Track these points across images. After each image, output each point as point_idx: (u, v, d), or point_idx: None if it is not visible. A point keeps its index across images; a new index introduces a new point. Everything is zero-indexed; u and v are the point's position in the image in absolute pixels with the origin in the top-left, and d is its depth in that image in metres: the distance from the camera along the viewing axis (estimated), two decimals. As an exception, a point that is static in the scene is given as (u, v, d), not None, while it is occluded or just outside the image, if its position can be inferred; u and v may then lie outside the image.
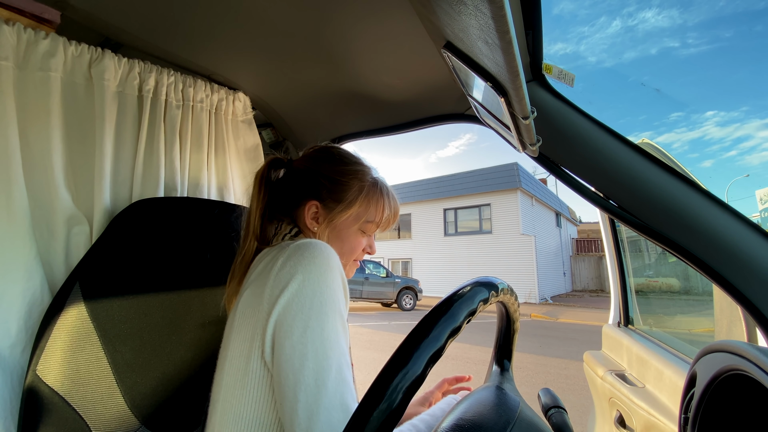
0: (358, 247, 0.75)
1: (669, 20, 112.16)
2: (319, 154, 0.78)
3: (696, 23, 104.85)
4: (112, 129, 0.83)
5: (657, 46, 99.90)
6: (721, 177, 53.51)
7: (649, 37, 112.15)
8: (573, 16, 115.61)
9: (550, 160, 0.83)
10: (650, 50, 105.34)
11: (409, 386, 0.30)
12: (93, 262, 0.72)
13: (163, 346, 0.80)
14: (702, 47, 70.90)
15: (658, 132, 65.47)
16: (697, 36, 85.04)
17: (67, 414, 0.65)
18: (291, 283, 0.55)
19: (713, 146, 55.61)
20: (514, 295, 0.52)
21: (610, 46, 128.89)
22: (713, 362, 0.49)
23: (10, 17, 0.72)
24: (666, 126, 64.62)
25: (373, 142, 3.19)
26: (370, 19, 0.74)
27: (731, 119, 59.98)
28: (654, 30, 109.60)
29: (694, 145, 56.45)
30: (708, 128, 55.65)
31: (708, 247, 0.70)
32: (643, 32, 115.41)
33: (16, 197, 0.69)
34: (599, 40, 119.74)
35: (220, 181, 1.06)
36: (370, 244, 0.78)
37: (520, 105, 0.51)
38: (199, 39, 0.85)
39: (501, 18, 0.34)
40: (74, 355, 0.67)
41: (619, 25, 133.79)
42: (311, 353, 0.52)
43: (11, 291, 0.66)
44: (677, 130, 62.29)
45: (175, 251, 0.83)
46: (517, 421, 0.42)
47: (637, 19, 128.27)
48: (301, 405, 0.50)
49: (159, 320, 0.79)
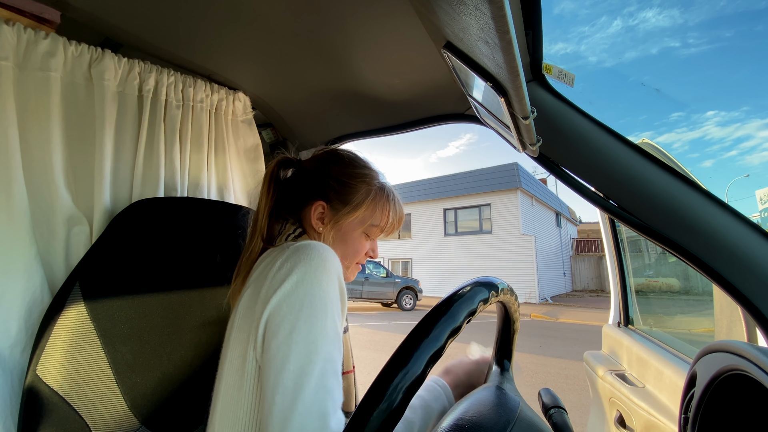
0: (361, 251, 0.75)
1: (670, 20, 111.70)
2: (328, 155, 0.78)
3: (697, 23, 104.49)
4: (112, 129, 0.83)
5: (658, 46, 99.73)
6: (721, 177, 53.51)
7: (649, 36, 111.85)
8: (574, 15, 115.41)
9: (550, 160, 0.83)
10: (651, 50, 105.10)
11: (409, 386, 0.30)
12: (93, 262, 0.72)
13: (163, 346, 0.80)
14: (703, 47, 70.69)
15: (659, 132, 65.39)
16: (698, 36, 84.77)
17: (67, 414, 0.65)
18: (285, 283, 0.55)
19: (714, 146, 55.56)
20: (514, 295, 0.52)
21: (611, 45, 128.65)
22: (713, 362, 0.49)
23: (10, 17, 0.72)
24: (666, 126, 64.52)
25: (373, 141, 3.17)
26: (370, 18, 0.74)
27: (732, 119, 59.87)
28: (655, 30, 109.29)
29: (695, 145, 56.40)
30: (708, 128, 55.58)
31: (708, 247, 0.70)
32: (644, 32, 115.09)
33: (16, 197, 0.69)
34: (600, 40, 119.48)
35: (220, 181, 1.06)
36: (373, 247, 0.78)
37: (520, 105, 0.51)
38: (199, 39, 0.85)
39: (501, 18, 0.34)
40: (74, 355, 0.67)
41: (620, 25, 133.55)
42: (294, 355, 0.51)
43: (11, 291, 0.66)
44: (678, 130, 62.17)
45: (175, 251, 0.83)
46: (517, 421, 0.42)
47: (638, 19, 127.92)
48: (277, 408, 0.48)
49: (159, 320, 0.79)
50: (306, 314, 0.53)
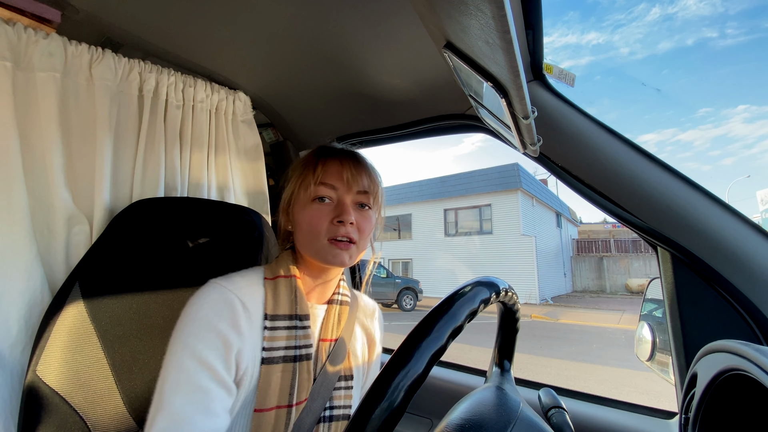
0: (314, 220, 0.66)
1: (711, 8, 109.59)
2: None
3: (738, 11, 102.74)
4: (113, 129, 0.83)
5: (694, 37, 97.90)
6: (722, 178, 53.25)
7: (687, 26, 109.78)
8: (612, 2, 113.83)
9: (550, 160, 0.83)
10: (687, 41, 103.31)
11: (411, 385, 0.30)
12: (93, 262, 0.72)
13: (162, 348, 0.80)
14: (740, 38, 69.63)
15: (683, 128, 64.39)
16: (737, 26, 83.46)
17: (67, 414, 0.65)
18: None
19: (736, 143, 54.83)
20: (515, 295, 0.52)
21: (646, 35, 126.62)
22: (713, 362, 0.48)
23: (10, 17, 0.73)
24: (692, 122, 63.51)
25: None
26: (370, 18, 0.74)
27: (760, 114, 58.98)
28: (694, 18, 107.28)
29: (717, 142, 55.59)
30: (734, 125, 54.84)
31: (709, 248, 0.70)
32: (683, 20, 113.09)
33: (17, 197, 0.69)
34: (635, 29, 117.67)
35: (221, 182, 1.06)
36: (337, 212, 0.66)
37: (521, 105, 0.51)
38: (200, 39, 0.85)
39: (501, 18, 0.34)
40: (74, 355, 0.67)
41: (658, 13, 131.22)
42: (159, 380, 0.57)
43: (12, 291, 0.66)
44: (702, 126, 61.18)
45: (175, 251, 0.83)
46: (517, 421, 0.42)
47: (677, 6, 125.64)
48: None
49: (159, 321, 0.79)
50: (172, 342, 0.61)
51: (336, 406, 0.68)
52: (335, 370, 0.69)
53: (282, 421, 0.60)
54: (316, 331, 0.70)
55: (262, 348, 0.61)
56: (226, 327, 0.58)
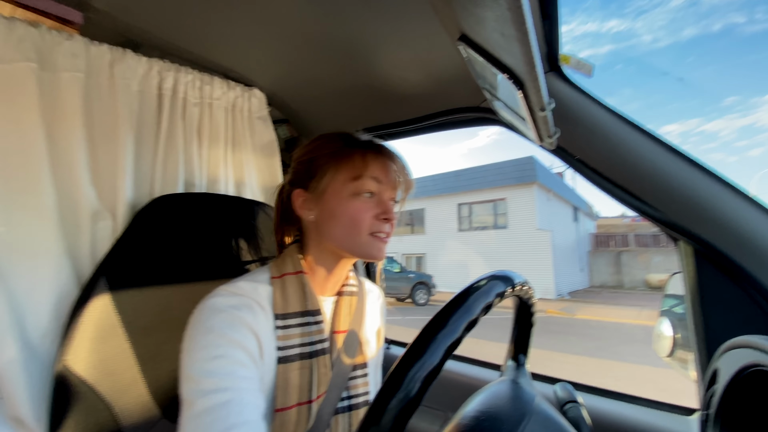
0: (358, 215, 0.65)
1: None
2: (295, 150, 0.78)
3: None
4: (134, 127, 0.85)
5: (721, 22, 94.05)
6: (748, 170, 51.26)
7: (714, 11, 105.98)
8: None
9: (567, 152, 0.82)
10: (713, 26, 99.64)
11: (426, 376, 0.31)
12: (117, 256, 0.74)
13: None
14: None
15: (709, 118, 61.83)
16: (766, 10, 79.72)
17: (95, 401, 0.68)
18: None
19: (764, 133, 52.60)
20: (531, 289, 0.51)
21: (671, 21, 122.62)
22: (736, 358, 0.47)
23: (35, 19, 0.75)
24: (718, 111, 60.89)
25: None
26: (383, 12, 0.74)
27: None
28: (720, 3, 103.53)
29: (743, 132, 53.39)
30: (762, 114, 52.62)
31: (732, 241, 0.68)
32: (709, 6, 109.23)
33: (45, 195, 0.71)
34: (659, 16, 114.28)
35: (237, 177, 1.08)
36: (382, 209, 0.66)
37: (537, 97, 0.50)
38: (216, 37, 0.87)
39: (517, 9, 0.33)
40: (101, 345, 0.69)
41: None
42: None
43: (42, 285, 0.69)
44: (729, 115, 58.65)
45: (195, 245, 0.85)
46: (533, 414, 0.42)
47: None
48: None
49: (181, 314, 0.81)
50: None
51: (354, 395, 0.69)
52: (350, 360, 0.70)
53: (304, 417, 0.61)
54: (329, 324, 0.70)
55: (276, 348, 0.61)
56: (248, 325, 0.59)
